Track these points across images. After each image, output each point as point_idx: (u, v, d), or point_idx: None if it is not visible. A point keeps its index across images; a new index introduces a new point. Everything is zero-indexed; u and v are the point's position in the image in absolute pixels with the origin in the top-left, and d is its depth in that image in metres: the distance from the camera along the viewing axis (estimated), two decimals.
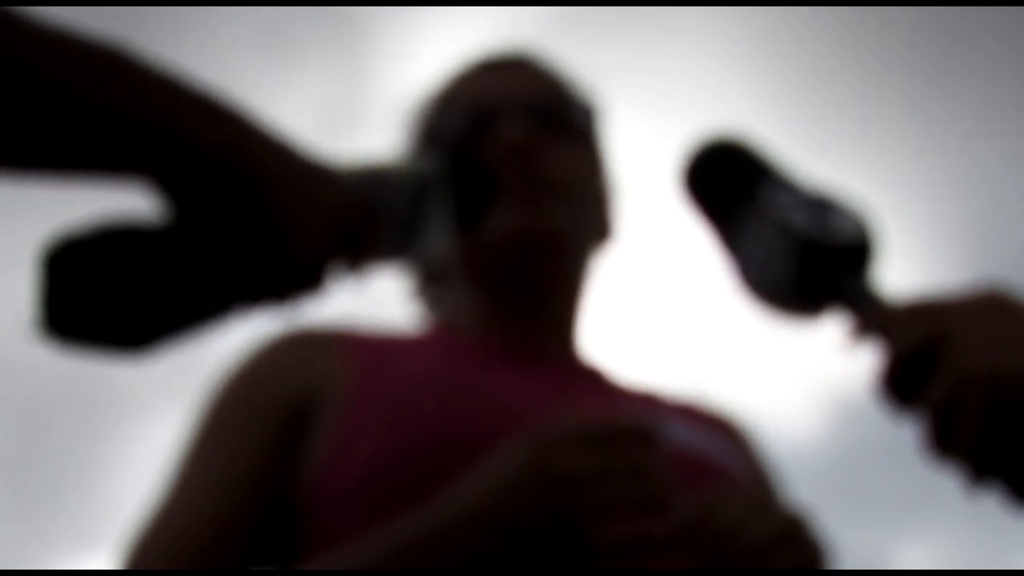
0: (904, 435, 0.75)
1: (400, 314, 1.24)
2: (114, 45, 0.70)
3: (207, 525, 0.97)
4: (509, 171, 1.10)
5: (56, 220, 0.71)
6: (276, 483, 1.00)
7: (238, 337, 1.09)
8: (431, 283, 1.23)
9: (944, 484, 0.74)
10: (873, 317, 0.79)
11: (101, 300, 0.70)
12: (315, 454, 1.00)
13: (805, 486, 1.17)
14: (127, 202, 0.73)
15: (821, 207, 0.86)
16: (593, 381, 1.15)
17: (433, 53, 1.27)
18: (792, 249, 0.84)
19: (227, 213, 0.73)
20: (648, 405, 1.12)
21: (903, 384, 0.75)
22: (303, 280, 0.77)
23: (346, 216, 0.80)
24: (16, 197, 0.72)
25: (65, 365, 0.73)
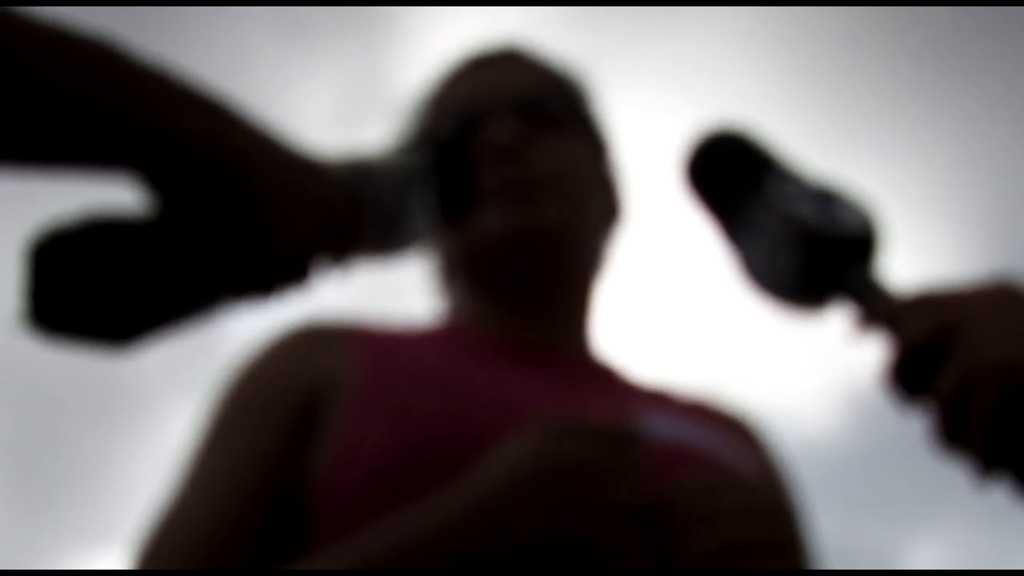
0: (918, 431, 0.74)
1: (404, 307, 1.24)
2: (102, 39, 0.70)
3: (217, 524, 0.97)
4: (499, 173, 1.11)
5: (43, 213, 0.71)
6: (286, 480, 0.99)
7: (251, 332, 1.09)
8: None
9: (958, 481, 0.73)
10: (879, 309, 0.78)
11: (87, 293, 0.70)
12: (324, 450, 0.99)
13: (819, 482, 1.16)
14: (114, 195, 0.73)
15: (826, 199, 0.85)
16: (603, 380, 1.14)
17: (449, 46, 1.27)
18: (797, 241, 0.83)
19: (214, 206, 0.72)
20: (657, 404, 1.11)
21: (911, 376, 0.74)
22: (289, 273, 0.77)
23: (332, 209, 0.79)
24: (3, 190, 0.72)
25: (74, 359, 0.73)
